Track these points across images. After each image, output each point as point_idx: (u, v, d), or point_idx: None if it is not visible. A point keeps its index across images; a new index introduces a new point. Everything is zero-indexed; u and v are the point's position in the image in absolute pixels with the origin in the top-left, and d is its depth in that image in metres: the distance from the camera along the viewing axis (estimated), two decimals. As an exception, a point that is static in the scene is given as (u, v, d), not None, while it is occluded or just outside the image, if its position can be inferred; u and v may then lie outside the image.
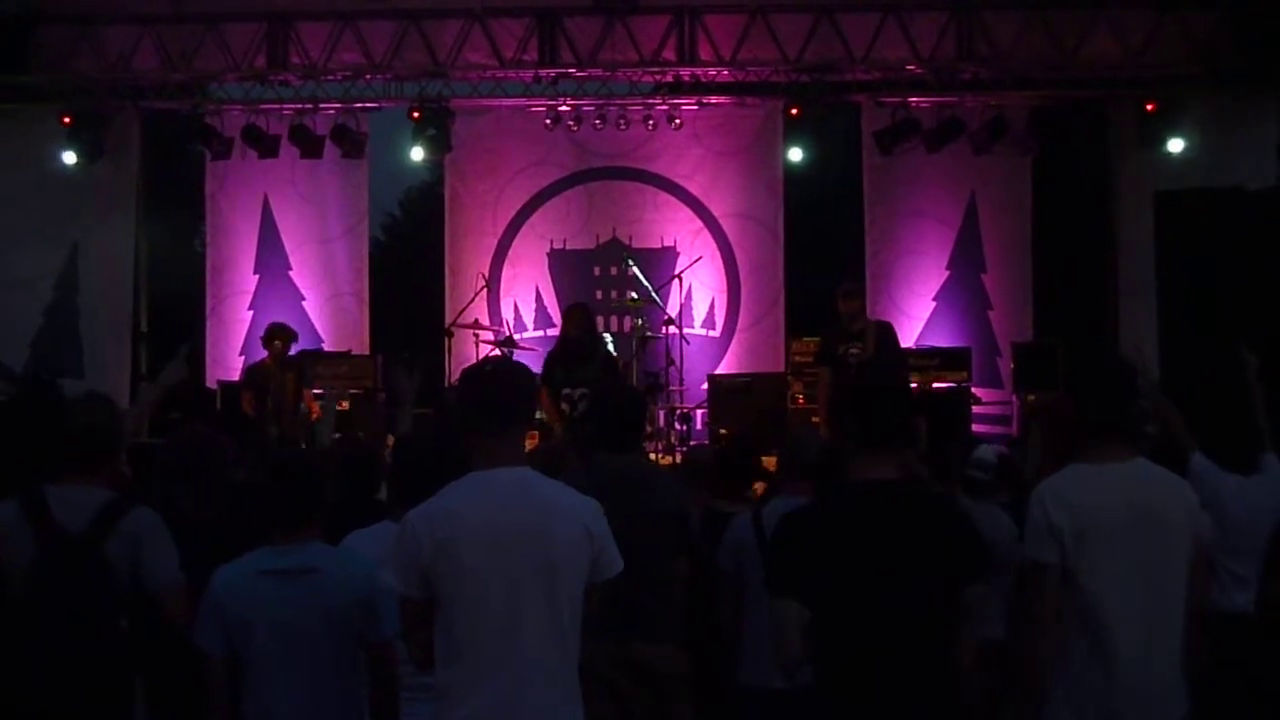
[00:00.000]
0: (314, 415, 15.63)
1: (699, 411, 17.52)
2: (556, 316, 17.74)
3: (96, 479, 6.46)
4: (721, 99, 19.74)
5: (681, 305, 18.21)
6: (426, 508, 5.29)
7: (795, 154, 18.56)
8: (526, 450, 7.04)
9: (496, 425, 5.41)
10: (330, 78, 18.93)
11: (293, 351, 16.38)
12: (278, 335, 16.15)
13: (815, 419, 14.83)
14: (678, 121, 19.32)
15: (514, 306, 19.49)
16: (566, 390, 14.02)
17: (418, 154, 18.70)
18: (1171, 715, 5.97)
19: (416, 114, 18.54)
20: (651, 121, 19.28)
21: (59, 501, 6.33)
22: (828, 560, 5.29)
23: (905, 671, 5.22)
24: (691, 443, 16.59)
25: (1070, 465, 6.19)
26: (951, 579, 5.29)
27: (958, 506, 5.70)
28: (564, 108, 19.31)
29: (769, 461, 14.55)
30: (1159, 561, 5.92)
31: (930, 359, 17.57)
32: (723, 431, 16.24)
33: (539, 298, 19.47)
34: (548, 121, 19.30)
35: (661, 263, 18.92)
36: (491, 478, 5.32)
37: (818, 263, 21.86)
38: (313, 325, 19.22)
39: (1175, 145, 17.77)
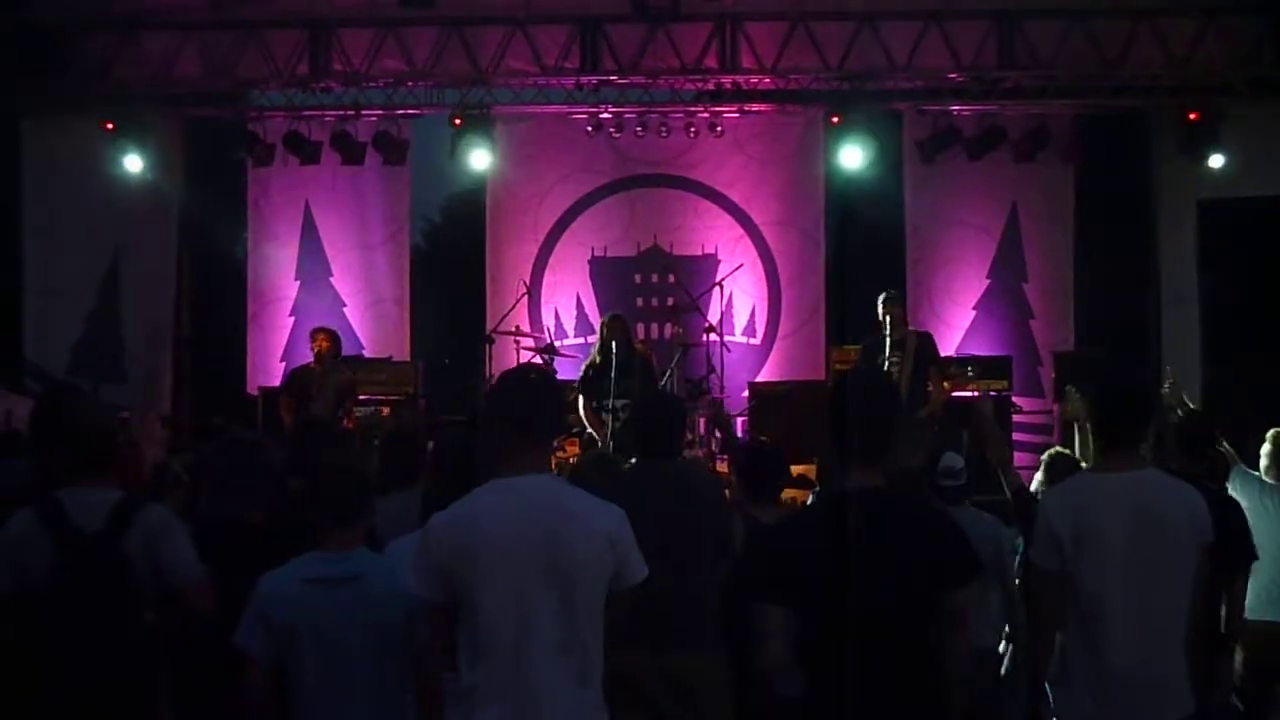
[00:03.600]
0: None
1: (740, 419, 17.48)
2: (597, 323, 17.74)
3: (107, 479, 6.53)
4: (763, 107, 19.69)
5: (722, 313, 18.16)
6: (448, 513, 5.33)
7: (837, 161, 18.53)
8: (576, 459, 7.07)
9: (522, 434, 5.42)
10: (372, 84, 18.96)
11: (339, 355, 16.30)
12: (315, 338, 16.07)
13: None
14: (719, 129, 19.28)
15: (555, 313, 19.47)
16: (608, 401, 13.99)
17: (481, 160, 18.68)
18: (1172, 715, 6.07)
19: (458, 121, 18.58)
20: (693, 129, 19.27)
21: (73, 504, 6.41)
22: (813, 567, 5.32)
23: (893, 677, 5.26)
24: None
25: (1079, 473, 6.34)
26: (938, 584, 5.32)
27: (943, 513, 5.73)
28: (605, 115, 19.30)
29: (809, 470, 14.63)
30: (1158, 567, 6.08)
31: (971, 367, 17.49)
32: (763, 439, 16.22)
33: (580, 305, 19.47)
34: (589, 129, 19.30)
35: (702, 270, 18.92)
36: (513, 484, 5.33)
37: (858, 271, 21.79)
38: (354, 331, 19.22)
39: (1218, 154, 17.71)
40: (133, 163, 18.49)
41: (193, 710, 6.59)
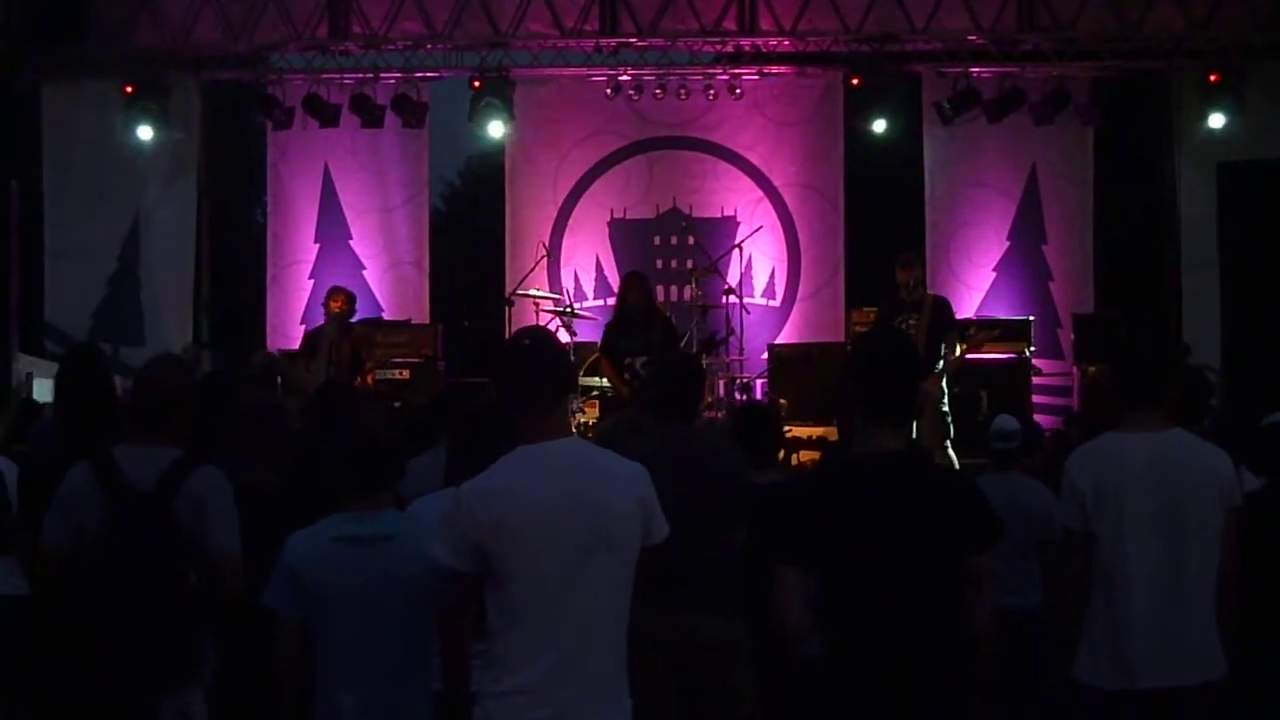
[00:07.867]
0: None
1: (759, 381, 17.50)
2: (616, 285, 17.74)
3: (166, 439, 6.55)
4: (782, 69, 19.69)
5: (741, 275, 18.12)
6: (481, 483, 5.24)
7: (856, 124, 18.54)
8: (599, 420, 7.05)
9: (541, 399, 5.39)
10: (391, 47, 18.96)
11: (354, 319, 16.30)
12: (332, 297, 16.04)
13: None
14: (738, 91, 19.26)
15: (574, 275, 19.49)
16: (629, 360, 14.01)
17: (499, 123, 18.67)
18: (1196, 677, 6.11)
19: (477, 84, 18.57)
20: (712, 91, 19.25)
21: (129, 461, 6.44)
22: (833, 528, 5.31)
23: (912, 639, 5.24)
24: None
25: (1104, 434, 6.33)
26: (958, 548, 5.32)
27: (964, 477, 5.73)
28: (624, 77, 19.31)
29: (830, 432, 14.66)
30: (1179, 527, 6.10)
31: (990, 330, 17.49)
32: (782, 401, 16.27)
33: (599, 267, 19.49)
34: (608, 91, 19.28)
35: (722, 232, 18.92)
36: (544, 450, 5.26)
37: (878, 233, 21.83)
38: (373, 294, 19.27)
39: (1238, 116, 17.65)
40: (152, 126, 18.49)
41: (235, 665, 6.66)
